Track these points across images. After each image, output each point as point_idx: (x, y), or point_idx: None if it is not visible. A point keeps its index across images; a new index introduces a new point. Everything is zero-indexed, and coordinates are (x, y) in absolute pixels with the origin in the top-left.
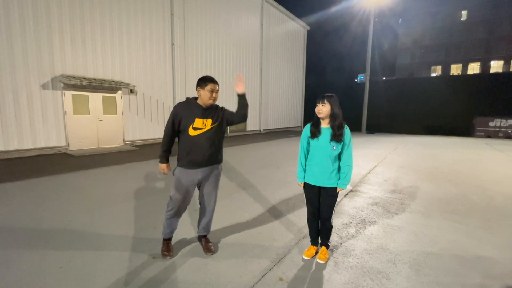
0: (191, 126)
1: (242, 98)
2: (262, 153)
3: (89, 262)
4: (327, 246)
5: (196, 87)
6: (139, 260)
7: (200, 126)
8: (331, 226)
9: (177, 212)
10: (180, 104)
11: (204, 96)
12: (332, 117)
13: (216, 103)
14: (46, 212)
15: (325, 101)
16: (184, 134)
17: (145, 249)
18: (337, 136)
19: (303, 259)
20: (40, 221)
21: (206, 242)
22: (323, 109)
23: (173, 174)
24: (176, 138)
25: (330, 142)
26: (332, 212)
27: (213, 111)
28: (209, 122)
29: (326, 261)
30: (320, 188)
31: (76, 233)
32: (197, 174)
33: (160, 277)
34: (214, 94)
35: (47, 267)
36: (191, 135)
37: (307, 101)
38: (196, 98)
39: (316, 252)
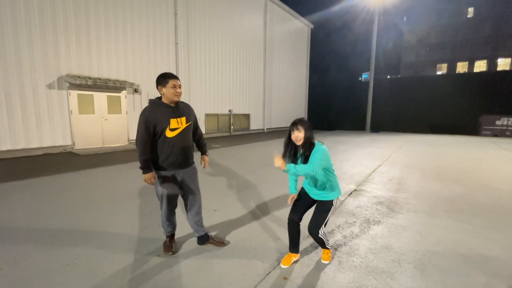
0: (167, 128)
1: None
2: (265, 152)
3: (95, 260)
4: (328, 249)
5: (157, 86)
6: (144, 258)
7: (176, 125)
8: (322, 237)
9: (171, 210)
10: (147, 109)
11: (168, 93)
12: (306, 141)
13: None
14: (53, 210)
15: (299, 127)
16: (161, 138)
17: (150, 247)
18: (304, 157)
19: (280, 268)
20: (46, 219)
21: (214, 238)
22: (299, 135)
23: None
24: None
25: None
26: (320, 227)
27: (185, 109)
28: (183, 120)
29: (330, 261)
30: (314, 200)
31: (82, 231)
32: (177, 175)
33: (165, 275)
34: (177, 90)
35: (54, 265)
36: (169, 137)
37: (311, 100)
38: (160, 98)
39: (295, 261)
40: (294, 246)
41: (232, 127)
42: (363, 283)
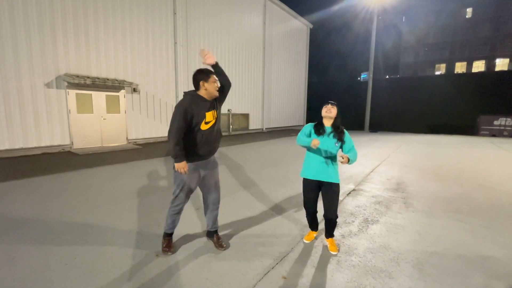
0: (203, 121)
1: (217, 67)
2: (265, 151)
3: (94, 259)
4: (333, 236)
5: (198, 81)
6: (143, 258)
7: (211, 118)
8: (336, 222)
9: (182, 208)
10: (187, 99)
11: (210, 88)
12: (336, 119)
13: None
14: (51, 210)
15: (334, 105)
16: (196, 129)
17: (149, 247)
18: (339, 135)
19: (303, 243)
20: (45, 219)
21: (218, 238)
22: (332, 110)
23: (174, 171)
24: None
25: (334, 140)
26: (337, 209)
27: (213, 101)
28: (215, 113)
29: (338, 251)
30: (320, 184)
31: (80, 231)
32: (200, 168)
33: (164, 274)
34: (218, 84)
35: (53, 264)
36: (203, 130)
37: (310, 100)
38: (195, 91)
39: (316, 237)
40: (314, 227)
41: (231, 126)
42: (362, 282)
